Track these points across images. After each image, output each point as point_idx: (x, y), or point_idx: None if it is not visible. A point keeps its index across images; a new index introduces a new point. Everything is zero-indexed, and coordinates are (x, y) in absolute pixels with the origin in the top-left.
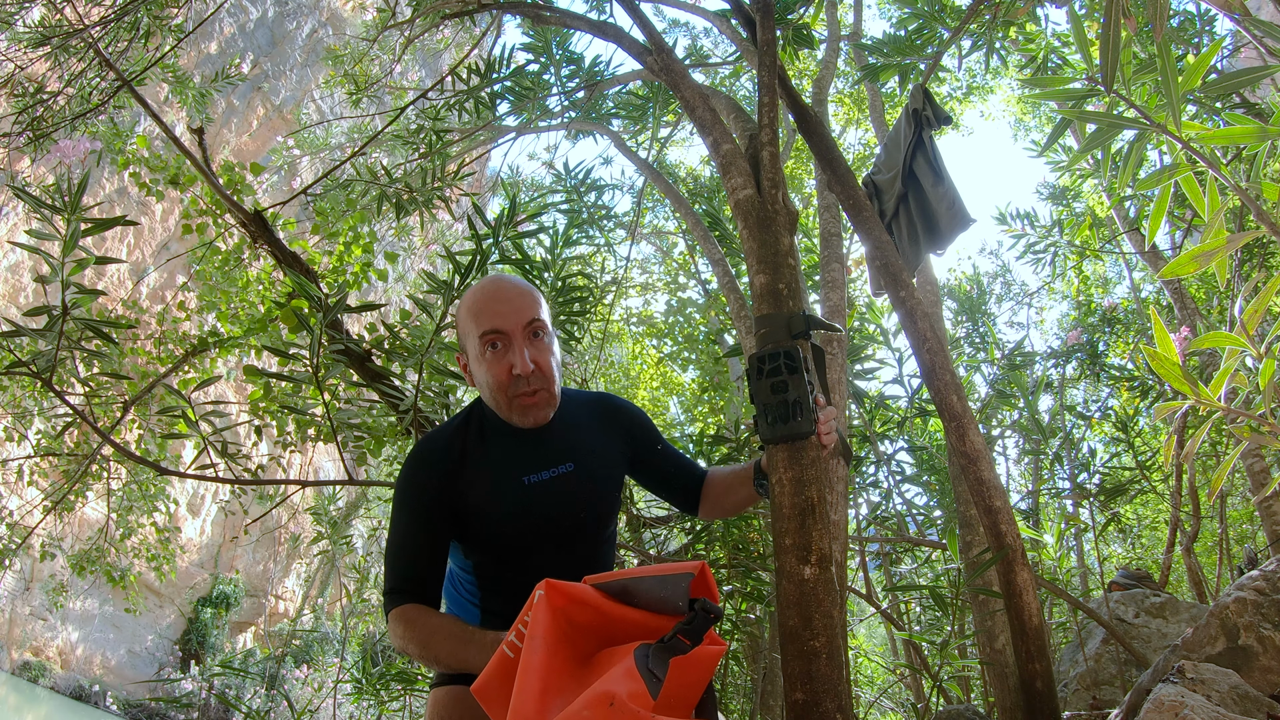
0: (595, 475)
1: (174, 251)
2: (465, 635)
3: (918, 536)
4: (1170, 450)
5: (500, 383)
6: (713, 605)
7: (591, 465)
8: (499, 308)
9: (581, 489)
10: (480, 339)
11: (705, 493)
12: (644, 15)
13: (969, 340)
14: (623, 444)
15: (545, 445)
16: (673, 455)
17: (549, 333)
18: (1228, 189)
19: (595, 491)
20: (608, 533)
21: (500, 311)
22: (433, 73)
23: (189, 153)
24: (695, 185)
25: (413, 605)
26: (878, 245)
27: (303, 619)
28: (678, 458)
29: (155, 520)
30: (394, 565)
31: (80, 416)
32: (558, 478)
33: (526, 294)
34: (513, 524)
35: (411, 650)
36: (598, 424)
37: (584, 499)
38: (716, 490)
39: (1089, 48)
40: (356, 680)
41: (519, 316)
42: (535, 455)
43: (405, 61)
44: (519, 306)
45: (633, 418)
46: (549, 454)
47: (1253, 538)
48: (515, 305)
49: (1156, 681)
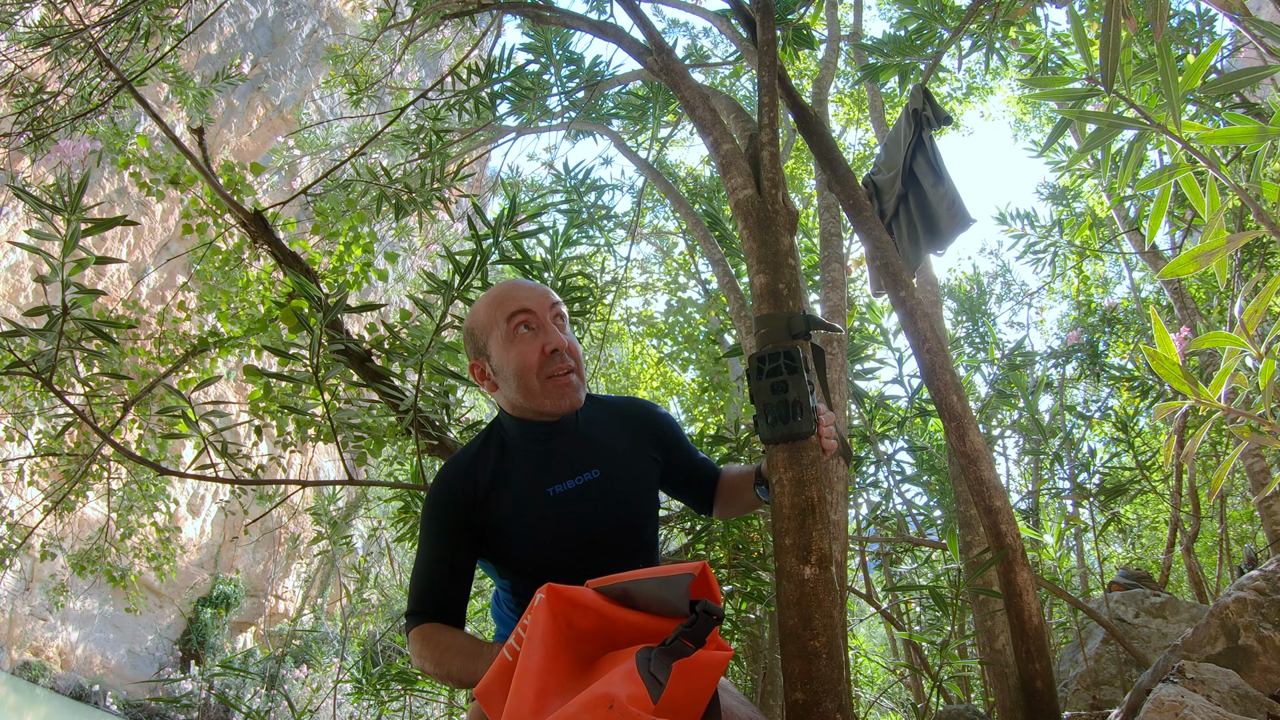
0: (623, 480)
1: (174, 251)
2: (475, 650)
3: (918, 536)
4: (1170, 450)
5: (532, 364)
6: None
7: (618, 471)
8: (523, 293)
9: (609, 496)
10: (509, 322)
11: (718, 493)
12: (644, 15)
13: (969, 340)
14: (651, 448)
15: (569, 453)
16: (695, 457)
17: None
18: (1228, 189)
19: (624, 497)
20: (644, 539)
21: (527, 294)
22: (433, 73)
23: (189, 153)
24: (695, 185)
25: (430, 624)
26: (878, 245)
27: (303, 619)
28: (698, 459)
29: (155, 520)
30: (415, 587)
31: (80, 416)
32: (583, 485)
33: (543, 286)
34: (542, 537)
35: (428, 668)
36: (625, 428)
37: (612, 506)
38: (727, 492)
39: (1089, 48)
40: (356, 680)
41: (545, 299)
42: (559, 465)
43: (405, 61)
44: (541, 291)
45: (662, 421)
46: (573, 462)
47: (1253, 538)
48: (539, 290)
49: (1156, 681)
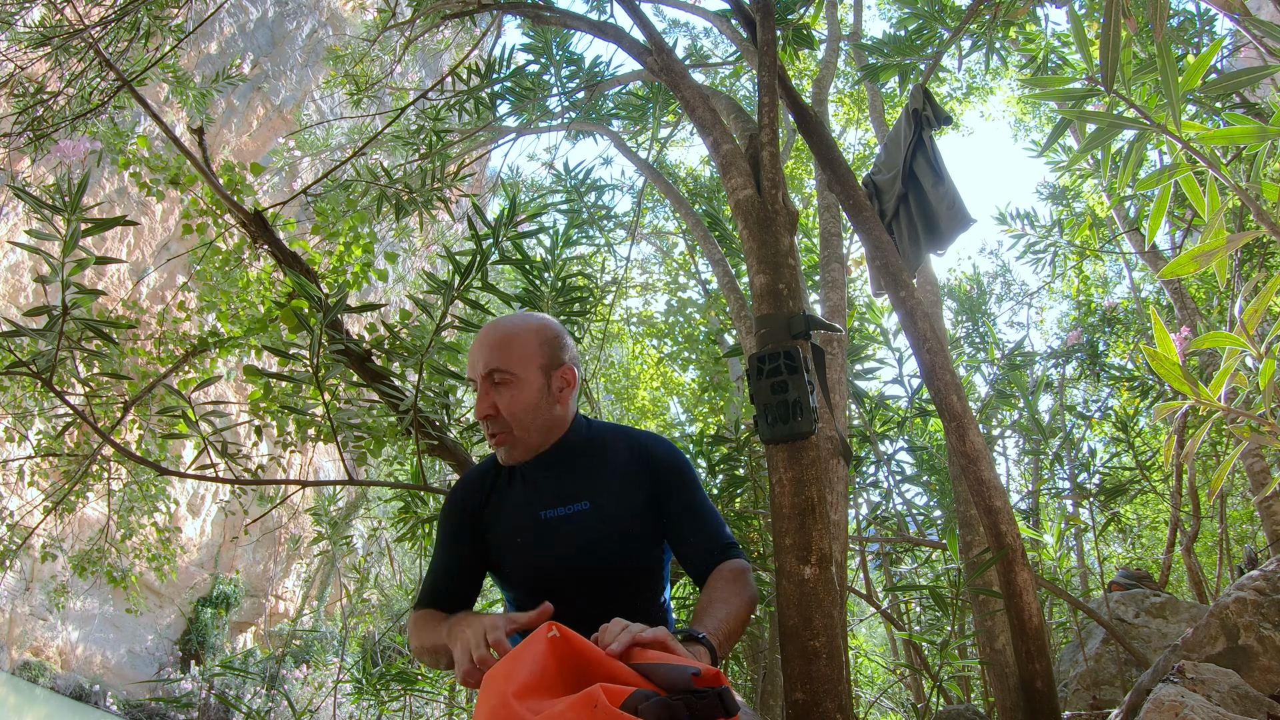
0: (611, 517)
1: (174, 251)
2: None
3: (918, 536)
4: (1170, 450)
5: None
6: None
7: (608, 507)
8: (470, 355)
9: (596, 529)
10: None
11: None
12: (644, 15)
13: (969, 340)
14: (646, 491)
15: (564, 481)
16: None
17: (518, 379)
18: (1228, 189)
19: (611, 534)
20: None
21: (471, 359)
22: (433, 73)
23: (189, 153)
24: (695, 185)
25: (426, 609)
26: (878, 245)
27: (303, 619)
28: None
29: (156, 520)
30: (423, 584)
31: (80, 416)
32: (572, 515)
33: (497, 341)
34: (532, 557)
35: (411, 646)
36: (627, 464)
37: (599, 539)
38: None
39: (1089, 48)
40: (356, 680)
41: (481, 366)
42: (554, 490)
43: (405, 62)
44: (482, 357)
45: (663, 464)
46: (567, 491)
47: (1253, 538)
48: (481, 354)
49: (1156, 681)
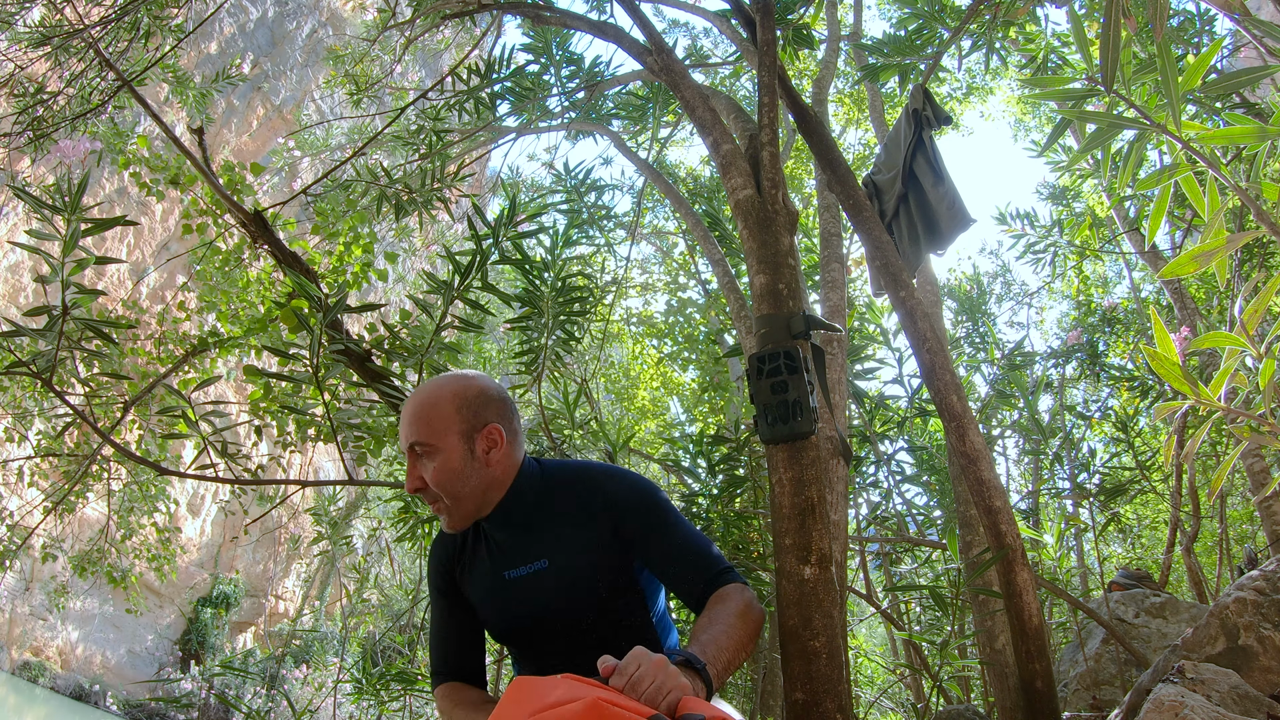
0: (567, 573)
1: (174, 251)
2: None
3: (918, 536)
4: (1170, 450)
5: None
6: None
7: (564, 562)
8: (398, 428)
9: (553, 589)
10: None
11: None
12: (644, 15)
13: (969, 340)
14: (607, 531)
15: (524, 540)
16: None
17: (438, 450)
18: (1228, 189)
19: (569, 591)
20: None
21: (399, 431)
22: (433, 73)
23: (189, 153)
24: (695, 185)
25: (449, 684)
26: (878, 245)
27: (303, 619)
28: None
29: (156, 520)
30: (432, 647)
31: (80, 417)
32: (532, 575)
33: (414, 413)
34: (501, 618)
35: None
36: (578, 511)
37: (562, 594)
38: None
39: (1089, 48)
40: (356, 680)
41: (404, 440)
42: (515, 550)
43: (405, 62)
44: (404, 430)
45: (623, 503)
46: (525, 551)
47: (1253, 538)
48: (403, 428)
49: (1156, 681)
